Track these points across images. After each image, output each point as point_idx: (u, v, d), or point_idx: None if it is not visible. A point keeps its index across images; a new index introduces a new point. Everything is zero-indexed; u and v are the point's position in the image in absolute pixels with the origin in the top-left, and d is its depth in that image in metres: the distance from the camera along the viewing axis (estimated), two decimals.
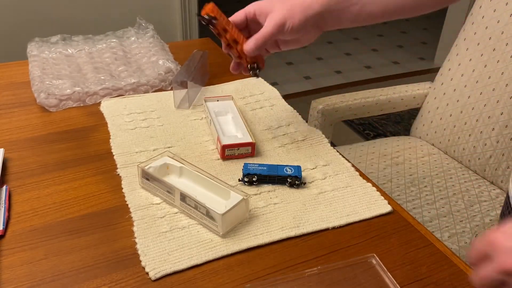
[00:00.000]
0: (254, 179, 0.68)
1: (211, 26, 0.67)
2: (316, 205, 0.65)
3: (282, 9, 0.64)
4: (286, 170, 0.69)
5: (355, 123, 2.39)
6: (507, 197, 0.63)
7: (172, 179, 0.67)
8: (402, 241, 0.60)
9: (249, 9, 0.68)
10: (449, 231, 0.98)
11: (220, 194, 0.64)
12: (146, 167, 0.66)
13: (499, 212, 1.02)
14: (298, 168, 0.69)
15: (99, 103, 0.89)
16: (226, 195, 0.62)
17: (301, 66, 3.03)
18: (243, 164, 0.70)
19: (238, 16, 0.69)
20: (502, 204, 1.05)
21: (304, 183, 0.69)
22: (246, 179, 0.68)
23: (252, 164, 0.69)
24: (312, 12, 0.63)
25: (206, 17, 0.66)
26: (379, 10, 0.64)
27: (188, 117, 0.85)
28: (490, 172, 1.11)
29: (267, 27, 0.65)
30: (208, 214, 0.59)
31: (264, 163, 0.73)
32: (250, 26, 0.70)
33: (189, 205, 0.61)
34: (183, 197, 0.61)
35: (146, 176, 0.66)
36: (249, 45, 0.67)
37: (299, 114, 0.88)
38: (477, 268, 0.44)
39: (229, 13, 0.70)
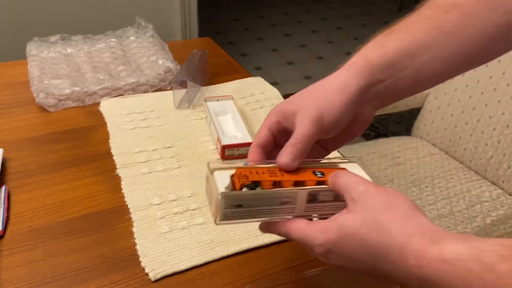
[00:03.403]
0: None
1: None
2: None
3: (312, 99, 0.49)
4: None
5: None
6: None
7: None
8: None
9: (271, 119, 0.50)
10: (450, 231, 0.98)
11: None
12: (232, 194, 0.43)
13: (500, 212, 1.02)
14: None
15: (98, 103, 0.89)
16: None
17: (301, 65, 3.03)
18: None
19: (261, 136, 0.50)
20: (504, 205, 1.04)
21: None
22: None
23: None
24: (351, 90, 0.48)
25: (246, 189, 0.44)
26: (442, 66, 0.49)
27: (188, 117, 0.85)
28: (491, 173, 1.11)
29: (302, 128, 0.47)
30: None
31: None
32: (279, 141, 0.50)
33: (322, 202, 0.46)
34: (313, 196, 0.45)
35: (239, 202, 0.44)
36: (285, 157, 0.46)
37: None
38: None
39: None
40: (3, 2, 2.03)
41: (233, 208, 0.43)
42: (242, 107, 0.88)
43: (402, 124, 2.39)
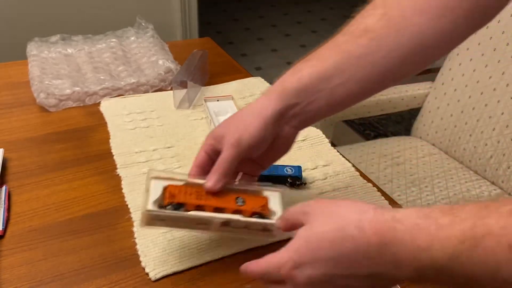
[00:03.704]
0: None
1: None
2: None
3: (234, 124, 0.54)
4: (287, 170, 0.68)
5: (356, 123, 2.39)
6: None
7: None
8: None
9: (206, 142, 0.56)
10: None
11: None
12: (154, 211, 0.50)
13: None
14: (298, 168, 0.69)
15: (99, 103, 0.89)
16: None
17: None
18: None
19: (199, 157, 0.55)
20: None
21: (305, 183, 0.69)
22: None
23: None
24: (267, 113, 0.52)
25: (169, 208, 0.51)
26: (355, 88, 0.53)
27: (188, 117, 0.85)
28: (491, 173, 1.11)
29: (224, 151, 0.53)
30: (265, 228, 0.53)
31: None
32: (216, 161, 0.55)
33: (234, 227, 0.53)
34: (227, 223, 0.52)
35: (160, 218, 0.51)
36: (209, 181, 0.52)
37: None
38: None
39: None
40: (3, 2, 2.03)
41: (156, 220, 0.51)
42: (242, 107, 0.88)
43: (402, 124, 2.39)
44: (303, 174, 0.71)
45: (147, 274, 0.54)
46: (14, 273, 0.54)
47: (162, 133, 0.80)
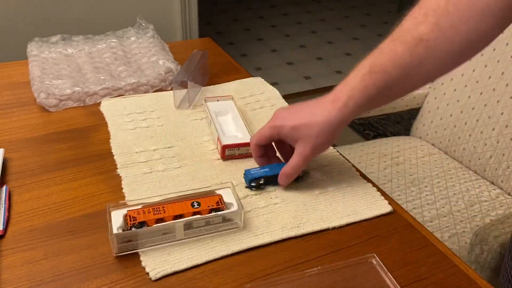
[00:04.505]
0: (261, 182, 0.67)
1: None
2: (316, 205, 0.65)
3: (310, 137, 0.62)
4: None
5: (355, 123, 2.39)
6: None
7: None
8: (402, 241, 0.60)
9: (271, 133, 0.66)
10: (449, 231, 0.98)
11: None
12: (120, 233, 0.56)
13: (499, 212, 1.02)
14: None
15: (99, 103, 0.89)
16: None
17: (301, 66, 3.03)
18: (243, 170, 0.69)
19: (263, 140, 0.68)
20: (503, 204, 1.05)
21: (308, 172, 0.70)
22: (253, 184, 0.67)
23: (254, 169, 0.69)
24: (341, 126, 0.63)
25: (134, 228, 0.57)
26: (406, 92, 0.64)
27: (188, 117, 0.85)
28: (490, 172, 1.11)
29: (296, 161, 0.64)
30: (225, 219, 0.59)
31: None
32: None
33: (197, 227, 0.58)
34: (188, 224, 0.58)
35: (127, 239, 0.56)
36: (282, 181, 0.67)
37: None
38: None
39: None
40: (3, 2, 2.03)
41: (124, 243, 0.56)
42: (242, 107, 0.89)
43: (402, 124, 2.40)
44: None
45: (147, 273, 0.54)
46: (14, 273, 0.54)
47: (163, 133, 0.80)
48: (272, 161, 0.70)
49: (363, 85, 0.60)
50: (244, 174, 0.69)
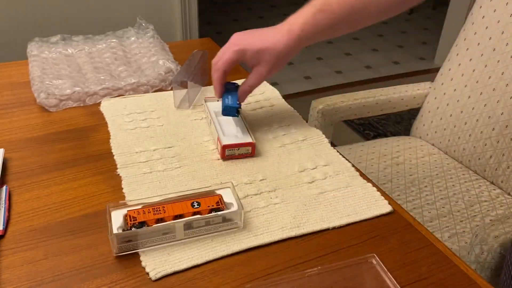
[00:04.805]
0: (239, 109, 0.76)
1: None
2: (316, 205, 0.65)
3: (269, 61, 0.73)
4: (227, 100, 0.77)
5: (355, 123, 2.39)
6: None
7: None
8: (402, 241, 0.60)
9: (237, 57, 0.74)
10: (449, 231, 0.98)
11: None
12: (120, 233, 0.56)
13: (499, 212, 1.02)
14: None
15: (99, 103, 0.89)
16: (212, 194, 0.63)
17: (301, 66, 3.03)
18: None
19: (222, 76, 0.76)
20: (503, 204, 1.05)
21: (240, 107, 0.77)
22: (237, 113, 0.76)
23: (226, 99, 0.76)
24: (293, 53, 0.73)
25: (134, 228, 0.57)
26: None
27: (188, 117, 0.85)
28: (490, 172, 1.11)
29: (254, 79, 0.75)
30: (225, 219, 0.59)
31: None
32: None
33: (197, 227, 0.59)
34: (188, 224, 0.58)
35: (127, 239, 0.56)
36: (243, 98, 0.78)
37: (299, 114, 0.88)
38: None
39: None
40: (3, 2, 2.03)
41: (124, 243, 0.56)
42: (242, 107, 0.89)
43: (402, 124, 2.40)
44: (303, 173, 0.71)
45: (147, 273, 0.54)
46: (14, 273, 0.54)
47: (163, 133, 0.80)
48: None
49: (314, 21, 0.71)
50: (224, 109, 0.75)
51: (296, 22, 0.72)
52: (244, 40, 0.73)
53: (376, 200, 0.67)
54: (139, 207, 0.59)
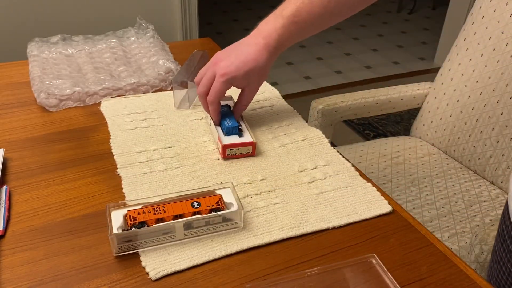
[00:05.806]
0: (240, 128, 0.77)
1: None
2: (316, 205, 0.65)
3: (257, 79, 0.78)
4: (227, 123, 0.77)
5: (355, 123, 2.39)
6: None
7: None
8: (402, 241, 0.60)
9: (227, 87, 0.76)
10: (449, 231, 0.98)
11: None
12: (120, 233, 0.56)
13: (499, 212, 1.02)
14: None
15: (99, 103, 0.89)
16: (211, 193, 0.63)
17: (301, 66, 3.03)
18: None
19: (218, 107, 0.78)
20: (502, 204, 1.05)
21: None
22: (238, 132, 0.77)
23: (225, 122, 0.77)
24: (269, 67, 0.78)
25: (134, 228, 0.57)
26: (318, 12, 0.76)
27: (188, 117, 0.85)
28: (490, 172, 1.11)
29: (249, 97, 0.80)
30: (225, 219, 0.59)
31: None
32: None
33: (197, 227, 0.59)
34: (188, 224, 0.58)
35: (127, 239, 0.56)
36: (238, 115, 0.81)
37: (299, 114, 0.88)
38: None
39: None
40: (3, 2, 2.03)
41: (124, 243, 0.56)
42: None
43: (401, 124, 2.40)
44: (303, 173, 0.71)
45: (147, 273, 0.54)
46: (14, 273, 0.54)
47: (162, 133, 0.80)
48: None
49: (288, 33, 0.76)
50: (227, 131, 0.75)
51: (270, 36, 0.75)
52: (228, 68, 0.74)
53: (376, 200, 0.67)
54: (139, 207, 0.59)
